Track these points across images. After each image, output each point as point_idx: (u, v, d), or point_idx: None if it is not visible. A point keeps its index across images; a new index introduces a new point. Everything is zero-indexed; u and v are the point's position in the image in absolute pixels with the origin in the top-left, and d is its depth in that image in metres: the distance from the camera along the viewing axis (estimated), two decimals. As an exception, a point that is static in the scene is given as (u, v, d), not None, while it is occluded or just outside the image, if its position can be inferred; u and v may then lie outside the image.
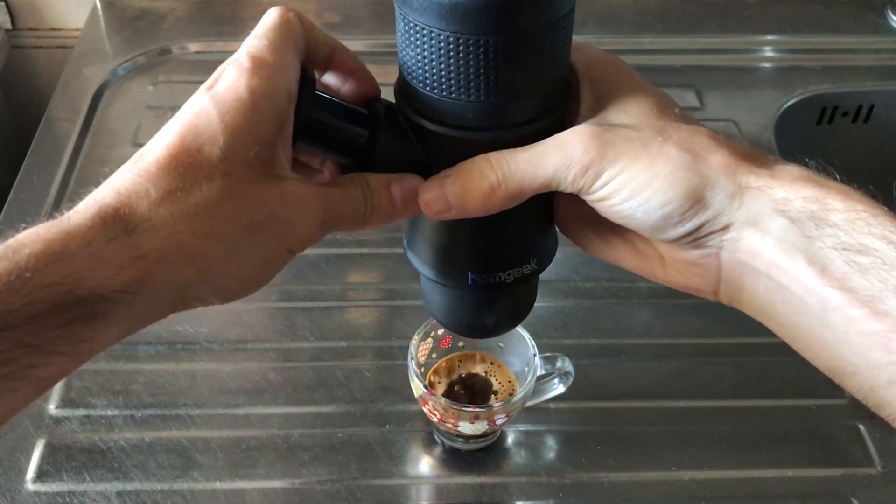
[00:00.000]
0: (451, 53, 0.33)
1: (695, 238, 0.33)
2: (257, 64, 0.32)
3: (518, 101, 0.34)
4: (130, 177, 0.30)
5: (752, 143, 0.34)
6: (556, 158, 0.33)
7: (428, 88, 0.35)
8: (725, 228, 0.33)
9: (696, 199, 0.32)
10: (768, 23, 0.96)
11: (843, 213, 0.31)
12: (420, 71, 0.34)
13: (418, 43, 0.34)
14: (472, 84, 0.33)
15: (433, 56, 0.33)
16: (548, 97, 0.35)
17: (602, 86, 0.36)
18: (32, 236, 0.28)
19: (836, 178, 0.33)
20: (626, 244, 0.38)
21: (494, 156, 0.34)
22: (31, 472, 0.56)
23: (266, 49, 0.33)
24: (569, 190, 0.34)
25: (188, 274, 0.30)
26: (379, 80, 0.39)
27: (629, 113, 0.34)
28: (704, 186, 0.32)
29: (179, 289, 0.30)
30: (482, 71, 0.33)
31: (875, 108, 0.90)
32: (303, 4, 0.97)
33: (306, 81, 0.35)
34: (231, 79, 0.32)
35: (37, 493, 0.55)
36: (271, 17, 0.34)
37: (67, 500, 0.55)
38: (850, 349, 0.30)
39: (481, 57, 0.33)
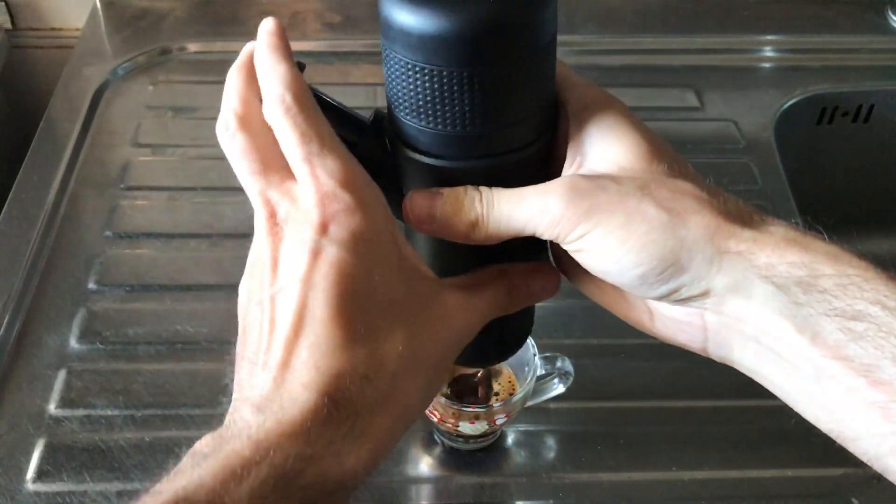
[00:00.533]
0: (415, 82, 0.32)
1: (675, 300, 0.32)
2: (359, 198, 0.31)
3: (488, 134, 0.34)
4: (324, 351, 0.30)
5: (751, 143, 0.34)
6: (533, 206, 0.32)
7: (395, 110, 0.35)
8: (705, 294, 0.31)
9: (671, 262, 0.31)
10: (768, 23, 0.96)
11: (833, 277, 0.29)
12: (389, 91, 0.34)
13: (387, 65, 0.34)
14: (438, 114, 0.33)
15: (399, 81, 0.33)
16: (522, 129, 0.35)
17: (592, 130, 0.34)
18: (278, 434, 0.28)
19: (823, 238, 0.31)
20: (615, 291, 0.37)
21: (486, 192, 0.34)
22: (31, 472, 0.56)
23: (349, 169, 0.32)
24: (545, 237, 0.33)
25: (400, 432, 0.32)
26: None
27: (616, 162, 0.33)
28: (680, 249, 0.31)
29: (392, 446, 0.32)
30: (448, 101, 0.32)
31: (875, 108, 0.90)
32: (303, 4, 0.97)
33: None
34: (348, 220, 0.31)
35: (37, 493, 0.55)
36: (297, 120, 0.32)
37: (67, 500, 0.55)
38: (851, 416, 0.29)
39: (445, 88, 0.32)
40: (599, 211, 0.31)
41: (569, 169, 0.34)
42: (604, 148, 0.34)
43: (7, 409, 0.59)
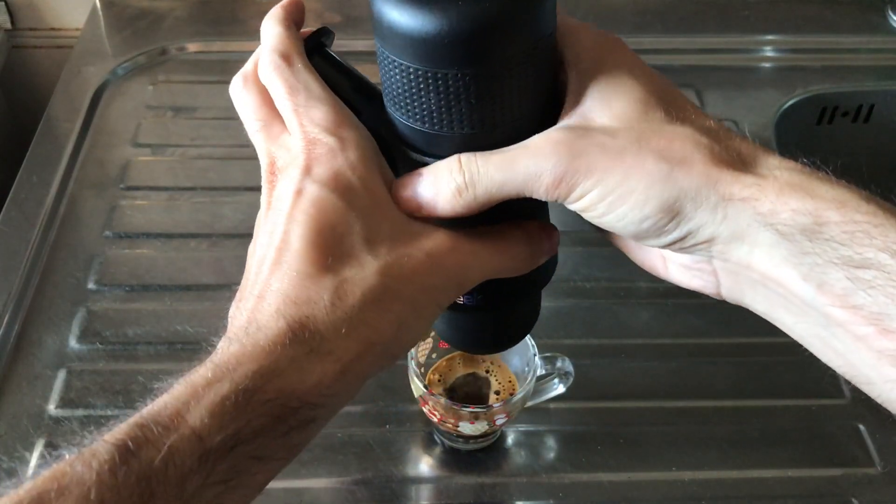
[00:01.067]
0: (408, 83, 0.32)
1: (681, 247, 0.32)
2: (341, 141, 0.33)
3: (482, 134, 0.33)
4: (294, 280, 0.31)
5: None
6: (526, 167, 0.32)
7: (389, 106, 0.35)
8: (710, 241, 0.31)
9: (675, 213, 0.31)
10: (768, 23, 0.96)
11: (840, 224, 0.29)
12: (384, 89, 0.35)
13: (381, 65, 0.34)
14: (426, 114, 0.33)
15: (390, 79, 0.33)
16: (518, 127, 0.34)
17: (589, 77, 0.33)
18: (240, 356, 0.30)
19: (832, 179, 0.30)
20: (628, 238, 0.36)
21: (466, 157, 0.33)
22: (31, 472, 0.56)
23: (333, 115, 0.34)
24: (544, 199, 0.33)
25: (369, 361, 0.32)
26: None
27: (611, 111, 0.32)
28: (683, 199, 0.30)
29: (365, 374, 0.32)
30: (437, 102, 0.32)
31: (875, 107, 0.90)
32: (305, 4, 0.97)
33: (321, 35, 0.37)
34: (330, 161, 0.33)
35: (37, 494, 0.55)
36: (286, 74, 0.35)
37: (67, 500, 0.55)
38: (862, 362, 0.29)
39: (434, 89, 0.32)
40: (597, 169, 0.31)
41: (565, 118, 0.33)
42: (599, 97, 0.33)
43: (7, 409, 0.59)
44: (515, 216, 0.37)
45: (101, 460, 0.27)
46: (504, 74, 0.32)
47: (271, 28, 0.36)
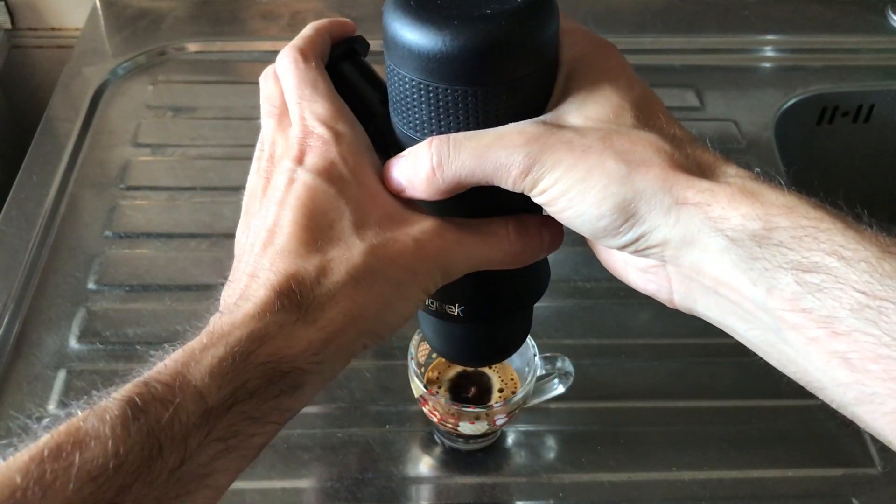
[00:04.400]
0: (418, 99, 0.34)
1: (636, 249, 0.33)
2: (336, 134, 0.35)
3: None
4: (284, 257, 0.33)
5: (752, 144, 0.33)
6: (497, 158, 0.33)
7: (392, 114, 0.36)
8: (663, 245, 0.32)
9: (630, 214, 0.31)
10: (768, 23, 0.96)
11: (788, 230, 0.29)
12: (392, 105, 0.36)
13: (391, 82, 0.35)
14: (434, 130, 0.34)
15: (390, 85, 0.35)
16: None
17: (573, 80, 0.35)
18: (231, 323, 0.32)
19: (781, 189, 0.31)
20: None
21: (438, 140, 0.34)
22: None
23: (332, 111, 0.36)
24: (510, 189, 0.33)
25: (353, 335, 0.33)
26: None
27: (585, 113, 0.34)
28: (638, 200, 0.31)
29: (350, 348, 0.34)
30: (446, 118, 0.34)
31: (875, 107, 0.90)
32: (303, 4, 0.97)
33: (354, 43, 0.39)
34: (323, 151, 0.35)
35: (36, 493, 0.55)
36: (300, 69, 0.37)
37: (67, 500, 0.55)
38: (814, 367, 0.29)
39: (445, 105, 0.33)
40: (561, 164, 0.32)
41: (542, 115, 0.35)
42: (577, 100, 0.34)
43: (7, 409, 0.59)
44: (514, 210, 0.37)
45: (112, 415, 0.28)
46: (500, 92, 0.33)
47: (305, 30, 0.39)
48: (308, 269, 0.33)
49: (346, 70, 0.39)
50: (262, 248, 0.34)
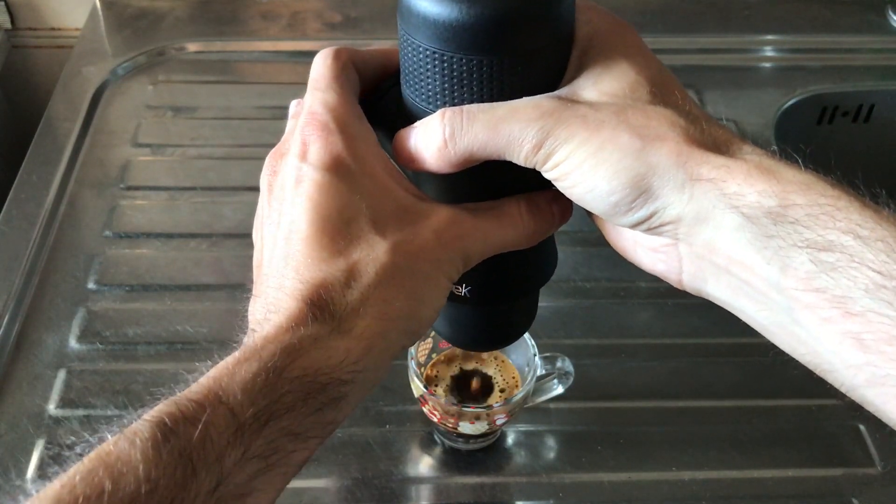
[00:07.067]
0: (432, 69, 0.33)
1: (648, 227, 0.32)
2: (340, 123, 0.34)
3: None
4: (308, 266, 0.32)
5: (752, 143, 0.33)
6: (510, 131, 0.32)
7: (404, 86, 0.35)
8: (676, 222, 0.31)
9: (643, 189, 0.31)
10: (768, 22, 0.96)
11: (805, 207, 0.29)
12: (404, 77, 0.35)
13: (404, 51, 0.34)
14: (449, 102, 0.34)
15: (402, 56, 0.34)
16: None
17: (589, 57, 0.34)
18: (264, 338, 0.30)
19: (798, 167, 0.30)
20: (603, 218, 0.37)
21: (451, 112, 0.33)
22: (31, 472, 0.56)
23: (342, 103, 0.35)
24: (522, 164, 0.33)
25: (393, 336, 0.32)
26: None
27: (600, 88, 0.33)
28: (651, 176, 0.31)
29: (390, 351, 0.33)
30: (461, 90, 0.33)
31: (875, 107, 0.90)
32: (303, 4, 0.97)
33: None
34: (325, 139, 0.33)
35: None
36: (327, 64, 0.36)
37: (67, 500, 0.55)
38: (825, 348, 0.29)
39: (462, 75, 0.33)
40: (574, 138, 0.31)
41: (557, 90, 0.34)
42: (592, 76, 0.33)
43: (7, 409, 0.59)
44: (522, 188, 0.37)
45: (143, 438, 0.27)
46: (515, 63, 0.32)
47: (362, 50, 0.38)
48: (336, 275, 0.31)
49: (393, 95, 0.38)
50: (283, 259, 0.33)
